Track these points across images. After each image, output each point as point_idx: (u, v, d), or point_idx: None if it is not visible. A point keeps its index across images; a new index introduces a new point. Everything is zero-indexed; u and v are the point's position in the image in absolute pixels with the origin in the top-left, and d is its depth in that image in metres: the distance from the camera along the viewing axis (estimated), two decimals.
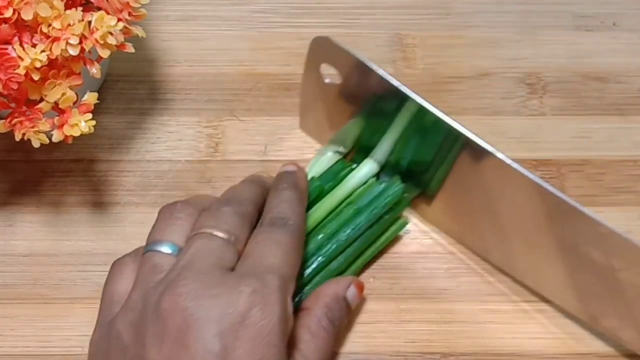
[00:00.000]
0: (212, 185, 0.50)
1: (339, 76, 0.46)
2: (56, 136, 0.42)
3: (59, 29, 0.40)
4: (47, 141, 0.42)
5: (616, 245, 0.40)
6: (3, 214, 0.49)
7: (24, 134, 0.41)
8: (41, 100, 0.41)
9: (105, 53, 0.41)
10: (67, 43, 0.40)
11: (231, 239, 0.40)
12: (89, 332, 0.40)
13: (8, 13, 0.39)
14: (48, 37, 0.40)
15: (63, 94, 0.41)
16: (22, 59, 0.40)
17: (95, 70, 0.42)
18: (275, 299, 0.37)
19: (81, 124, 0.41)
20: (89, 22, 0.41)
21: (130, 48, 0.43)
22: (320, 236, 0.45)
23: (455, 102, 0.53)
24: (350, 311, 0.45)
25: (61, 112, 0.42)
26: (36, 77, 0.40)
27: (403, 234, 0.48)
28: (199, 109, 0.52)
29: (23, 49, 0.40)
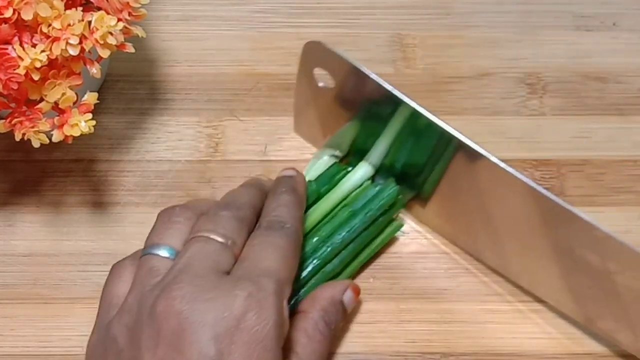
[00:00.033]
0: (212, 185, 0.50)
1: (332, 80, 0.46)
2: (56, 136, 0.42)
3: (59, 29, 0.40)
4: (47, 141, 0.42)
5: (611, 248, 0.40)
6: (3, 214, 0.49)
7: (24, 134, 0.41)
8: (41, 100, 0.41)
9: (105, 53, 0.41)
10: (67, 43, 0.40)
11: (228, 243, 0.39)
12: (89, 332, 0.40)
13: (8, 13, 0.39)
14: (48, 37, 0.40)
15: (63, 94, 0.41)
16: (22, 59, 0.40)
17: (95, 70, 0.42)
18: (270, 303, 0.37)
19: (81, 124, 0.41)
20: (89, 22, 0.41)
21: (130, 48, 0.43)
22: (315, 239, 0.45)
23: (455, 102, 0.53)
24: (346, 315, 0.45)
25: (61, 112, 0.42)
26: (36, 77, 0.40)
27: (399, 236, 0.48)
28: (199, 109, 0.52)
29: (23, 49, 0.40)
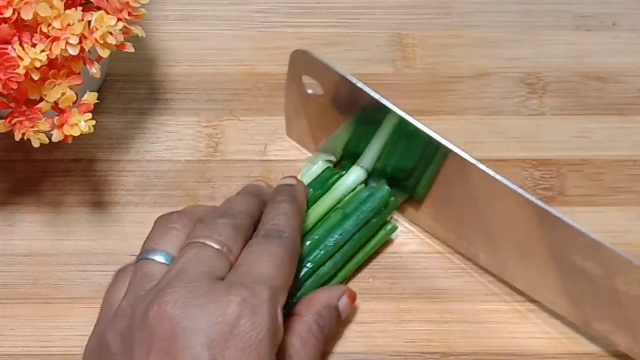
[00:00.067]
0: (212, 185, 0.50)
1: (321, 88, 0.46)
2: (56, 136, 0.42)
3: (59, 29, 0.40)
4: (47, 141, 0.42)
5: (602, 255, 0.40)
6: (3, 214, 0.49)
7: (24, 134, 0.41)
8: (41, 100, 0.41)
9: (105, 53, 0.41)
10: (67, 43, 0.40)
11: (224, 250, 0.39)
12: (89, 332, 0.40)
13: (8, 13, 0.39)
14: (48, 37, 0.40)
15: (63, 94, 0.41)
16: (22, 59, 0.40)
17: (95, 70, 0.42)
18: (265, 310, 0.36)
19: (81, 124, 0.41)
20: (89, 22, 0.41)
21: (130, 48, 0.43)
22: (308, 242, 0.45)
23: (455, 102, 0.53)
24: (340, 320, 0.45)
25: (61, 112, 0.42)
26: (36, 77, 0.40)
27: (395, 237, 0.48)
28: (199, 109, 0.52)
29: (23, 49, 0.40)
